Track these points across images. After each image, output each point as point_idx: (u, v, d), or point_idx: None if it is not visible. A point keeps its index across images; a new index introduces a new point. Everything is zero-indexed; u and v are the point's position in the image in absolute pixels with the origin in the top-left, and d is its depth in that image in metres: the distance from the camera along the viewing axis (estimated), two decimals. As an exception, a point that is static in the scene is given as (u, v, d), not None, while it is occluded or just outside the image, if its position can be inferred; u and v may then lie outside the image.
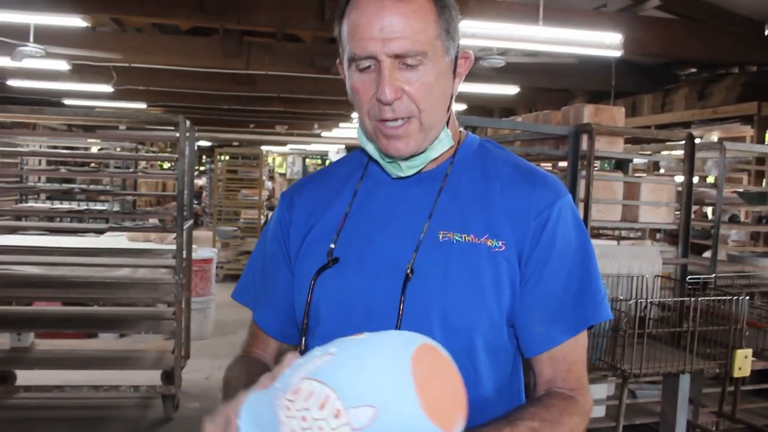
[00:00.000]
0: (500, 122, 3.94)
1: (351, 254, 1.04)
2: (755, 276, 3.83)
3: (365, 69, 0.97)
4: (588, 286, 1.02)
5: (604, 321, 1.03)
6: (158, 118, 4.52)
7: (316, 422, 0.67)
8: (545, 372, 1.01)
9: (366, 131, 1.04)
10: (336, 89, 8.66)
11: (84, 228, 5.46)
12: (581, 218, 1.09)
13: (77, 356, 4.43)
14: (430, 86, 0.97)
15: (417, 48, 0.95)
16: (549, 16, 4.75)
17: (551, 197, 1.02)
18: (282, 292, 1.14)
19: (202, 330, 5.95)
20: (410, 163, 1.04)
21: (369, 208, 1.08)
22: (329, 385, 0.68)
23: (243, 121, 13.78)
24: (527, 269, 1.00)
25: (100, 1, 4.77)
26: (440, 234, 1.01)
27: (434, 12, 0.97)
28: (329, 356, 0.71)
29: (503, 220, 1.01)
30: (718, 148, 3.76)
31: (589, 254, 1.04)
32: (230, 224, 9.99)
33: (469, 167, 1.08)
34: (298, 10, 5.01)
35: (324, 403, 0.67)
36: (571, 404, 0.97)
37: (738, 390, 3.73)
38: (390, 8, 0.94)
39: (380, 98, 0.96)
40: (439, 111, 1.01)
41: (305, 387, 0.69)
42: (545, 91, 8.80)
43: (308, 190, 1.18)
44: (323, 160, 23.92)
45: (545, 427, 0.91)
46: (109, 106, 9.50)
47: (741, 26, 5.41)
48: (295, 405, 0.69)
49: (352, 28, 0.97)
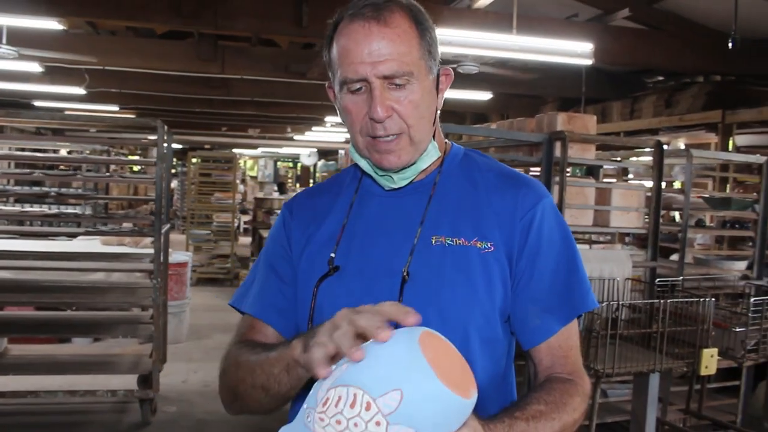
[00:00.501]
0: (476, 129, 4.04)
1: (350, 262, 1.11)
2: (720, 278, 3.97)
3: (356, 91, 1.05)
4: (575, 277, 1.11)
5: (592, 309, 1.11)
6: (136, 123, 4.51)
7: (350, 420, 0.74)
8: (544, 360, 1.09)
9: (358, 148, 1.12)
10: (310, 94, 8.70)
11: (57, 232, 5.42)
12: (562, 216, 1.17)
13: (52, 361, 4.40)
14: (417, 103, 1.05)
15: (404, 69, 1.03)
16: (522, 25, 4.87)
17: (534, 199, 1.11)
18: (288, 287, 1.18)
19: (177, 334, 5.94)
20: (402, 175, 1.11)
21: (365, 219, 1.15)
22: (354, 385, 0.75)
23: (215, 124, 13.72)
24: (519, 267, 1.08)
25: (76, 4, 4.74)
26: (433, 239, 1.09)
27: (417, 35, 1.05)
28: (345, 366, 0.79)
29: (491, 223, 1.09)
30: (685, 155, 3.90)
31: (573, 249, 1.13)
32: (203, 227, 9.96)
33: (456, 175, 1.16)
34: (276, 17, 5.05)
35: (354, 401, 0.74)
36: (571, 386, 1.05)
37: (704, 388, 3.86)
38: (377, 33, 1.02)
39: (373, 117, 1.03)
40: (426, 125, 1.09)
41: (332, 395, 0.76)
42: (517, 97, 8.94)
43: (307, 201, 1.25)
44: (295, 163, 23.90)
45: (550, 409, 0.99)
46: (83, 108, 9.39)
47: (706, 37, 5.59)
48: (328, 413, 0.75)
49: (342, 53, 1.04)
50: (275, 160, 23.53)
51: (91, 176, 5.53)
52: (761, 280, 4.10)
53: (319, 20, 5.05)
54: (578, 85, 6.80)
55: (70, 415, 4.33)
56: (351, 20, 1.04)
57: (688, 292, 3.43)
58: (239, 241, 10.85)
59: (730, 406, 4.11)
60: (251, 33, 6.25)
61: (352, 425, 0.74)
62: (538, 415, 0.97)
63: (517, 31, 4.76)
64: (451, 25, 4.74)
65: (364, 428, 0.73)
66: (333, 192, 1.22)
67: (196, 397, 4.73)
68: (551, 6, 5.79)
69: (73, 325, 4.54)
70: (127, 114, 10.85)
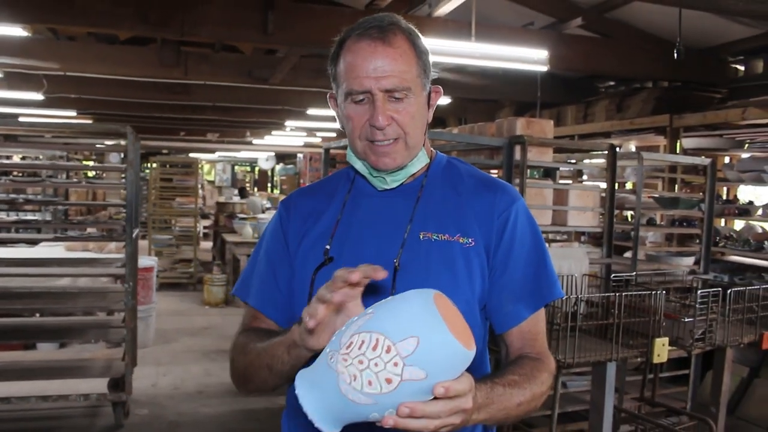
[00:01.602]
0: (441, 134, 4.20)
1: (345, 253, 1.25)
2: (670, 273, 4.20)
3: (360, 101, 1.20)
4: (543, 270, 1.28)
5: (558, 298, 1.29)
6: (105, 129, 4.54)
7: (372, 361, 0.88)
8: (515, 343, 1.26)
9: (356, 151, 1.26)
10: (271, 99, 8.77)
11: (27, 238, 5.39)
12: (533, 217, 1.34)
13: (21, 367, 4.39)
14: (413, 115, 1.22)
15: (403, 84, 1.19)
16: (480, 32, 5.05)
17: (509, 201, 1.27)
18: (284, 280, 1.32)
19: (144, 338, 5.96)
20: (394, 177, 1.27)
21: (358, 216, 1.30)
22: (376, 331, 0.90)
23: (174, 128, 13.62)
24: (495, 260, 1.24)
25: (42, 10, 4.72)
26: (421, 234, 1.24)
27: (415, 56, 1.22)
28: (368, 315, 0.94)
29: (471, 221, 1.25)
30: (636, 157, 4.13)
31: (542, 245, 1.30)
32: (164, 233, 9.92)
33: (440, 180, 1.31)
34: (241, 24, 5.12)
35: (376, 344, 0.89)
36: (539, 363, 1.22)
37: (657, 377, 4.08)
38: (381, 52, 1.18)
39: (374, 124, 1.19)
40: (420, 134, 1.26)
41: (356, 340, 0.91)
42: (474, 102, 9.16)
43: (303, 199, 1.39)
44: (252, 167, 23.81)
45: (522, 379, 1.15)
46: (41, 114, 9.27)
47: (655, 45, 5.87)
48: (351, 354, 0.90)
49: (349, 68, 1.20)
50: (233, 164, 23.42)
51: (56, 182, 5.51)
52: (707, 274, 4.36)
53: (284, 28, 5.15)
54: (534, 90, 7.04)
55: (42, 420, 4.34)
56: (358, 39, 1.20)
57: (641, 286, 3.65)
58: (201, 245, 10.85)
59: (680, 394, 4.35)
60: (217, 40, 6.30)
61: (372, 365, 0.88)
62: (512, 383, 1.12)
63: (476, 38, 4.94)
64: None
65: (383, 367, 0.88)
66: (327, 191, 1.36)
67: (166, 399, 4.78)
68: (509, 14, 6.00)
69: (44, 330, 4.55)
70: (85, 119, 10.75)
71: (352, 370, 0.89)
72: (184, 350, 6.13)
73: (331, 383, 0.91)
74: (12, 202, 5.12)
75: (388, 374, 0.88)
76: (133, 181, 4.24)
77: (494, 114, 8.78)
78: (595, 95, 7.38)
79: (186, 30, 4.98)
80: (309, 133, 13.25)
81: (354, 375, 0.89)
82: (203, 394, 4.89)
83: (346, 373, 0.90)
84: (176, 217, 10.05)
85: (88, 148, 7.17)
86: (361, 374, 0.88)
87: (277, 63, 6.85)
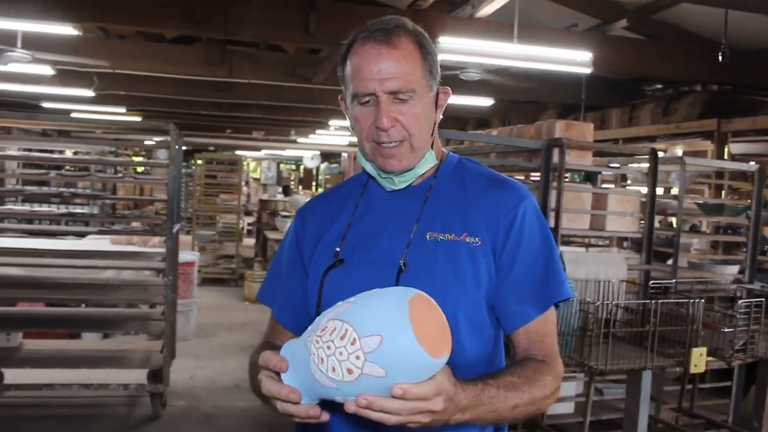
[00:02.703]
0: (478, 136, 4.18)
1: (354, 255, 1.27)
2: (712, 282, 4.09)
3: (365, 103, 1.21)
4: (551, 270, 1.25)
5: (566, 298, 1.25)
6: (149, 126, 4.65)
7: (338, 349, 0.92)
8: (522, 343, 1.24)
9: (365, 153, 1.28)
10: (314, 98, 8.85)
11: (72, 231, 5.56)
12: (544, 217, 1.33)
13: (66, 356, 4.54)
14: (418, 116, 1.22)
15: (407, 86, 1.19)
16: (523, 34, 5.01)
17: (517, 199, 1.26)
18: (298, 291, 1.35)
19: (184, 332, 6.08)
20: (402, 178, 1.28)
21: (368, 218, 1.31)
22: (347, 321, 0.94)
23: (220, 126, 13.86)
24: (501, 260, 1.23)
25: (92, 10, 4.88)
26: (427, 234, 1.24)
27: (420, 57, 1.22)
28: (348, 304, 0.98)
29: (478, 221, 1.24)
30: (679, 162, 4.03)
31: (551, 245, 1.27)
32: (208, 228, 10.10)
33: (449, 180, 1.31)
34: (284, 24, 5.19)
35: (344, 334, 0.93)
36: (543, 365, 1.20)
37: (696, 388, 3.99)
38: (385, 54, 1.19)
39: (378, 126, 1.20)
40: (425, 135, 1.26)
41: (330, 325, 0.95)
42: (518, 104, 9.08)
43: (318, 206, 1.41)
44: (297, 165, 24.04)
45: (522, 382, 1.13)
46: (91, 110, 9.55)
47: (702, 47, 5.73)
48: (323, 338, 0.94)
49: (355, 70, 1.21)
50: (278, 163, 23.66)
51: (104, 177, 5.68)
52: (752, 283, 4.23)
53: (325, 27, 5.21)
54: (578, 93, 6.94)
55: (83, 408, 4.47)
56: (364, 42, 1.21)
57: (680, 294, 3.56)
58: (243, 242, 11.02)
59: (722, 407, 4.24)
60: (260, 39, 6.40)
61: (338, 353, 0.92)
62: (509, 385, 1.11)
63: (518, 39, 4.90)
64: (454, 34, 4.89)
65: (346, 358, 0.92)
66: (341, 196, 1.38)
67: (203, 392, 4.87)
68: (551, 16, 5.93)
69: (88, 320, 4.69)
70: (134, 116, 11.03)
71: (321, 354, 0.94)
72: (223, 345, 6.24)
73: (305, 361, 0.96)
74: (60, 195, 5.29)
75: (350, 365, 0.91)
76: (175, 178, 4.33)
77: (538, 116, 8.68)
78: (641, 98, 7.24)
79: (229, 29, 5.08)
80: (353, 132, 13.30)
81: (321, 358, 0.94)
82: (239, 388, 4.96)
83: (316, 355, 0.95)
84: (220, 213, 10.22)
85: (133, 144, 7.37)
86: (328, 359, 0.93)
87: (320, 62, 6.91)
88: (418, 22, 1.28)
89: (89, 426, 4.19)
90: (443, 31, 4.97)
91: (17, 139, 7.40)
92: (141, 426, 4.21)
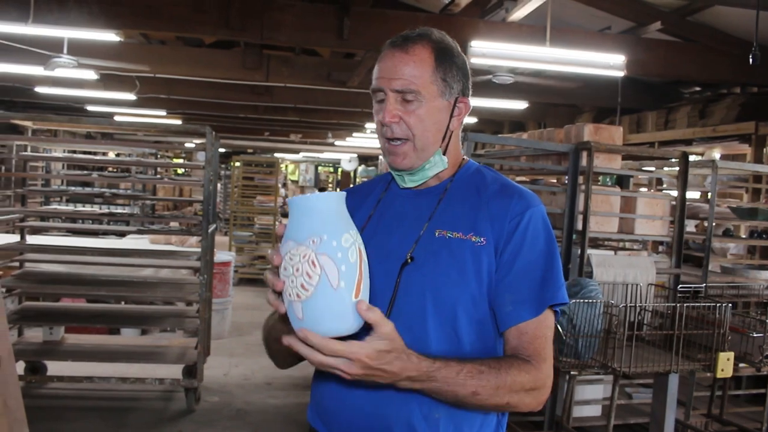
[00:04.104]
0: (506, 139, 4.21)
1: (370, 245, 1.33)
2: (744, 286, 4.05)
3: (380, 100, 1.32)
4: (550, 276, 1.29)
5: (562, 303, 1.29)
6: (186, 129, 4.80)
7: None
8: (511, 342, 1.28)
9: (381, 149, 1.38)
10: (349, 101, 8.96)
11: (112, 230, 5.75)
12: (550, 225, 1.37)
13: (105, 350, 4.70)
14: (422, 118, 1.30)
15: (411, 87, 1.29)
16: (555, 37, 5.01)
17: (525, 206, 1.31)
18: None
19: (219, 330, 6.22)
20: (412, 177, 1.36)
21: (387, 213, 1.40)
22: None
23: (258, 129, 14.08)
24: (501, 260, 1.29)
25: (133, 17, 5.05)
26: (436, 231, 1.31)
27: (431, 64, 1.31)
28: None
29: (486, 222, 1.31)
30: (711, 166, 4.00)
31: (553, 253, 1.32)
32: (245, 230, 10.28)
33: (465, 184, 1.38)
34: (318, 29, 5.29)
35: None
36: (524, 364, 1.23)
37: (726, 393, 3.95)
38: (398, 57, 1.30)
39: (381, 120, 1.31)
40: (430, 138, 1.33)
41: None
42: (554, 106, 9.04)
43: (348, 197, 1.48)
44: (335, 168, 24.23)
45: (490, 371, 1.18)
46: (133, 113, 9.81)
47: (739, 49, 5.64)
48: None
49: (375, 71, 1.34)
50: (316, 165, 23.88)
51: (143, 178, 5.86)
52: (786, 289, 4.17)
53: (359, 32, 5.29)
54: (614, 95, 6.89)
55: (120, 401, 4.62)
56: (387, 47, 1.33)
57: (710, 298, 3.54)
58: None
59: (757, 414, 4.19)
60: (294, 44, 6.51)
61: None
62: (474, 371, 1.17)
63: (551, 43, 4.91)
64: (487, 38, 4.91)
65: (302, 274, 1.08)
66: (368, 191, 1.48)
67: (236, 389, 4.99)
68: (584, 19, 5.91)
69: (126, 316, 4.86)
70: (174, 118, 11.29)
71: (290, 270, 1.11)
72: (257, 343, 6.35)
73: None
74: (102, 195, 5.49)
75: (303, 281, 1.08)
76: (211, 179, 4.45)
77: (574, 118, 8.64)
78: (678, 101, 7.16)
79: (265, 35, 5.20)
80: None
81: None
82: (271, 386, 5.07)
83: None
84: (257, 214, 10.39)
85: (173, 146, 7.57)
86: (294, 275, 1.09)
87: (355, 66, 7.00)
88: (450, 26, 1.38)
89: (126, 418, 4.33)
90: (475, 35, 5.01)
91: (63, 142, 7.68)
92: (175, 419, 4.34)
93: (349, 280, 1.08)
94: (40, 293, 5.02)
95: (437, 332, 1.25)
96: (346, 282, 1.07)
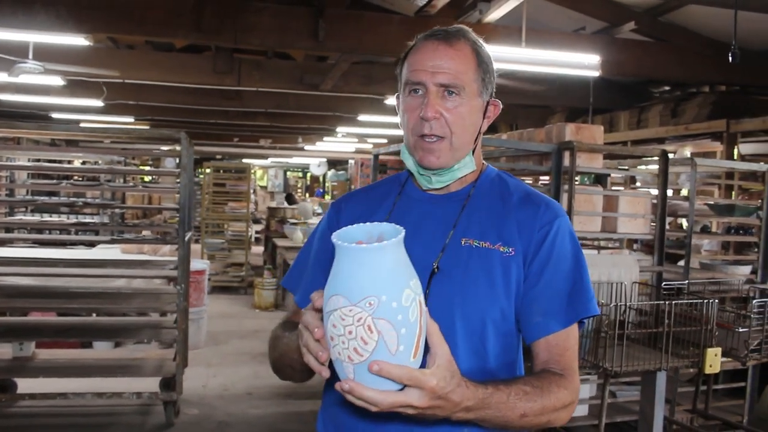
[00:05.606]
0: (490, 140, 4.17)
1: None
2: (725, 282, 4.08)
3: (415, 94, 1.25)
4: (580, 287, 1.25)
5: (593, 315, 1.25)
6: (161, 135, 4.68)
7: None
8: (541, 355, 1.24)
9: (408, 146, 1.30)
10: (321, 105, 8.89)
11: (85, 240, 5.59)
12: (575, 235, 1.33)
13: (79, 365, 4.55)
14: (462, 115, 1.24)
15: (457, 82, 1.23)
16: (531, 38, 5.02)
17: (552, 216, 1.27)
18: (322, 281, 1.33)
19: (195, 340, 6.09)
20: (439, 178, 1.29)
21: (405, 220, 1.30)
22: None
23: (227, 134, 13.91)
24: (530, 270, 1.24)
25: (103, 21, 4.92)
26: (462, 240, 1.26)
27: (474, 61, 1.26)
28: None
29: (513, 231, 1.26)
30: (690, 163, 4.03)
31: (581, 262, 1.28)
32: (216, 237, 10.12)
33: (488, 190, 1.33)
34: (293, 31, 5.22)
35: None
36: (560, 379, 1.19)
37: (710, 389, 3.97)
38: (442, 50, 1.23)
39: (423, 116, 1.23)
40: (467, 137, 1.27)
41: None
42: (526, 108, 9.08)
43: (354, 201, 1.43)
44: (304, 173, 24.10)
45: (535, 391, 1.13)
46: (100, 120, 9.60)
47: (711, 48, 5.72)
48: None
49: (412, 62, 1.26)
50: (285, 170, 23.72)
51: (114, 186, 5.71)
52: (765, 283, 4.22)
53: (334, 34, 5.23)
54: (586, 96, 6.94)
55: (96, 417, 4.49)
56: (425, 40, 1.27)
57: (693, 295, 3.56)
58: (252, 250, 11.02)
59: (737, 407, 4.22)
60: (269, 47, 6.42)
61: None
62: (521, 393, 1.11)
63: (526, 43, 4.92)
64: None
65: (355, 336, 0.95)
66: (377, 196, 1.40)
67: (216, 400, 4.88)
68: (559, 19, 5.93)
69: (100, 329, 4.70)
70: (142, 125, 11.08)
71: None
72: (234, 352, 6.25)
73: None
74: (72, 205, 5.32)
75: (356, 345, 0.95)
76: (186, 186, 4.35)
77: (546, 120, 8.68)
78: (649, 100, 7.24)
79: (239, 38, 5.11)
80: (360, 139, 13.35)
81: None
82: (252, 396, 4.97)
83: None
84: (228, 221, 10.24)
85: (144, 153, 7.41)
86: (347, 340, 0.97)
87: (328, 70, 6.93)
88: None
89: (103, 434, 4.20)
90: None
91: (27, 150, 7.45)
92: (155, 434, 4.23)
93: (408, 343, 0.95)
94: (8, 308, 4.83)
95: (465, 346, 1.20)
96: (405, 345, 0.95)
